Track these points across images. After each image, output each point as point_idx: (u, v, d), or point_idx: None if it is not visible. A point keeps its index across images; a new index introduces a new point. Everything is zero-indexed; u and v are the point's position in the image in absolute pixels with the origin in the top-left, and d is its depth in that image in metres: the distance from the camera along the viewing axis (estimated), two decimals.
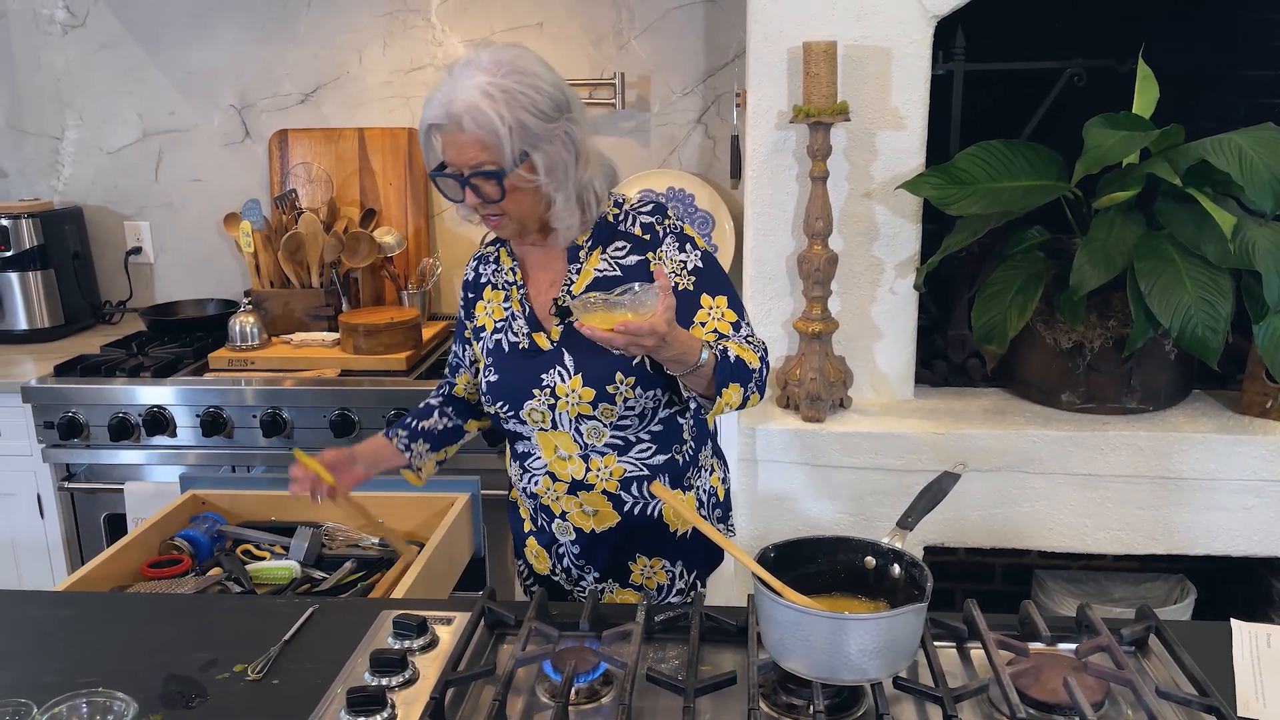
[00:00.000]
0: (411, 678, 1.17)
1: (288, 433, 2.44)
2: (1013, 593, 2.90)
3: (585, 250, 1.58)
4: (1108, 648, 1.14)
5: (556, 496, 1.62)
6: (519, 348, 1.60)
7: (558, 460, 1.60)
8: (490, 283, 1.67)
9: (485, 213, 1.51)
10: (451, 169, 1.47)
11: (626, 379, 1.53)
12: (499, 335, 1.64)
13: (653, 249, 1.57)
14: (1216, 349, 2.03)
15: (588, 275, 1.57)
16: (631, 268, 1.57)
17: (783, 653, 1.10)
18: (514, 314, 1.62)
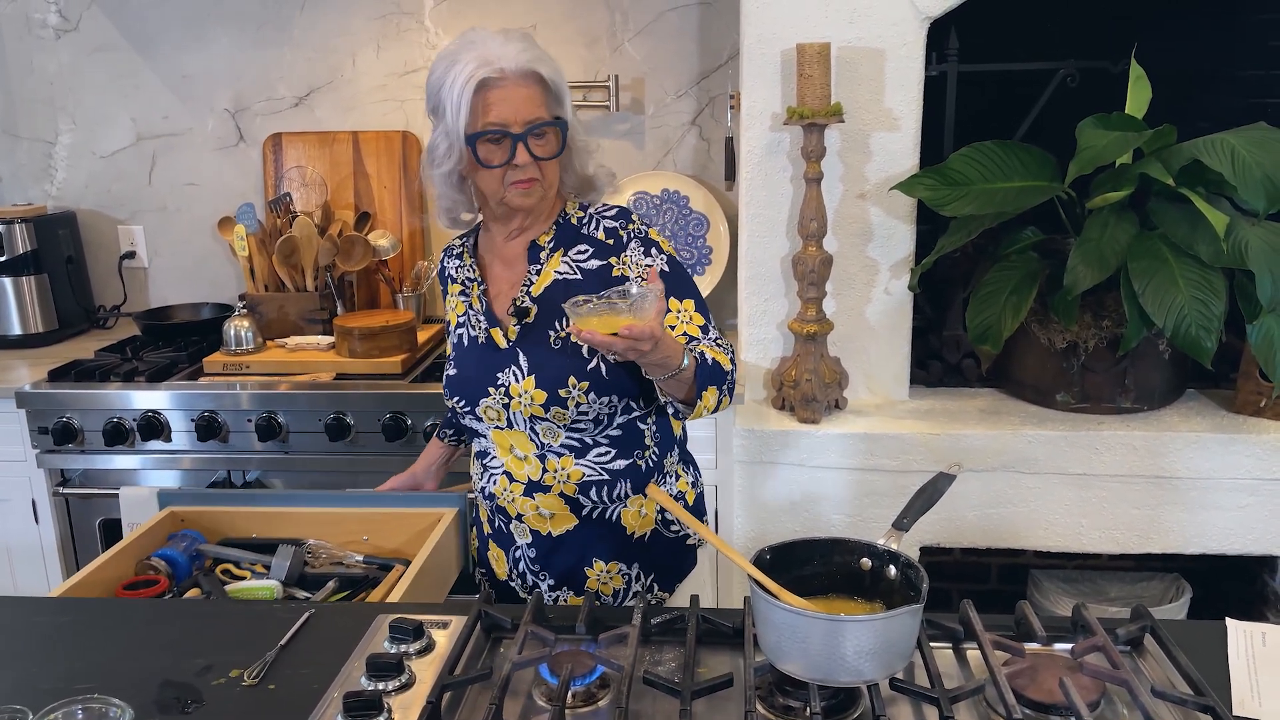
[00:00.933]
0: (408, 682, 1.17)
1: (283, 437, 2.44)
2: (1009, 593, 2.91)
3: (547, 252, 1.58)
4: (1103, 648, 1.14)
5: (513, 498, 1.61)
6: (478, 342, 1.61)
7: (514, 460, 1.59)
8: (452, 277, 1.69)
9: (522, 177, 1.48)
10: (500, 126, 1.45)
11: (580, 384, 1.52)
12: (460, 330, 1.65)
13: (616, 254, 1.56)
14: (1210, 348, 2.04)
15: (547, 277, 1.57)
16: (592, 272, 1.56)
17: (779, 655, 1.10)
18: (472, 309, 1.63)
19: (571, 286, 1.54)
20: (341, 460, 2.45)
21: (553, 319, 1.55)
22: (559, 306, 1.50)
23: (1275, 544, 2.30)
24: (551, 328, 1.55)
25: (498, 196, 1.52)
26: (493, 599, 1.37)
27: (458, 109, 1.45)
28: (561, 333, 1.54)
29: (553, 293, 1.55)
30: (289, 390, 2.44)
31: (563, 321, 1.53)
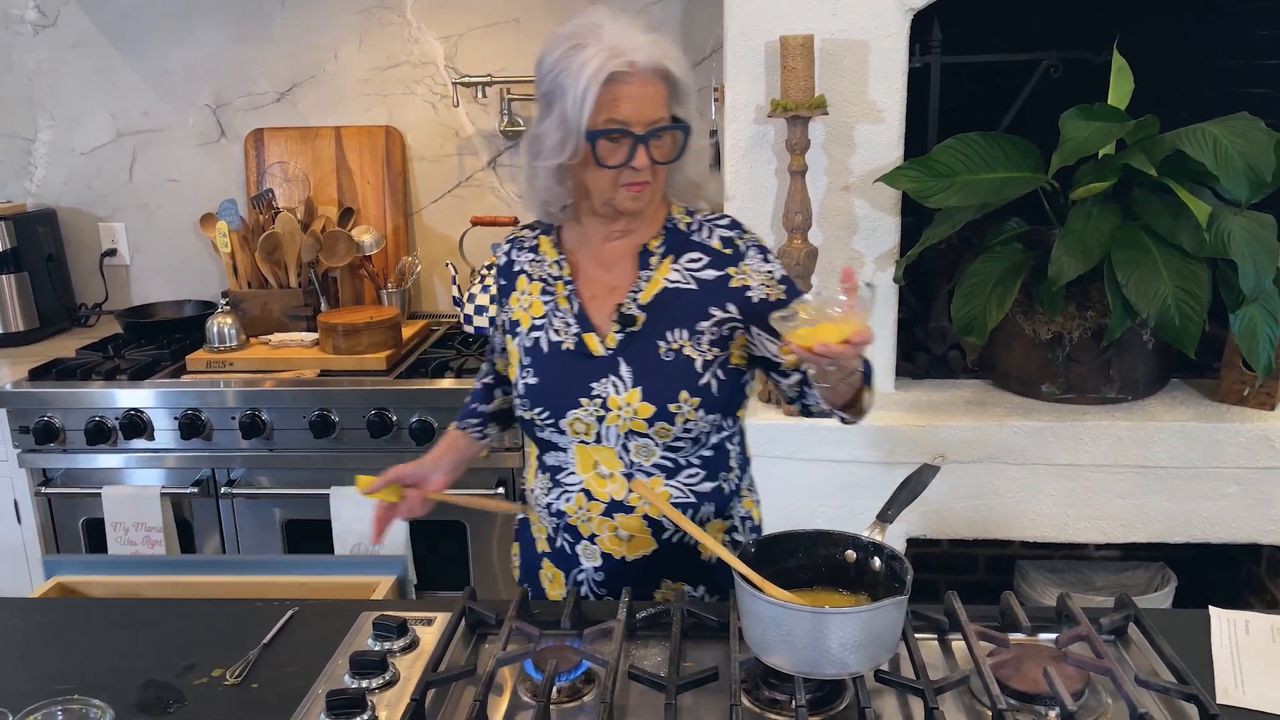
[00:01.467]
0: (392, 679, 1.16)
1: (267, 434, 2.42)
2: (996, 583, 2.92)
3: (657, 257, 1.48)
4: (1087, 637, 1.14)
5: (589, 517, 1.48)
6: (562, 348, 1.48)
7: (597, 477, 1.48)
8: (526, 273, 1.55)
9: (636, 180, 1.39)
10: (622, 125, 1.36)
11: (691, 399, 1.42)
12: (537, 333, 1.51)
13: (734, 264, 1.47)
14: (1194, 338, 2.04)
15: (656, 284, 1.47)
16: (708, 282, 1.47)
17: (764, 648, 1.10)
18: (557, 310, 1.50)
19: (684, 296, 1.46)
20: (326, 457, 2.44)
21: (662, 328, 1.45)
22: (669, 316, 1.44)
23: (1259, 532, 2.30)
24: (661, 338, 1.44)
25: (606, 197, 1.42)
26: (522, 593, 1.34)
27: (580, 101, 1.33)
28: (675, 344, 1.44)
29: (662, 301, 1.46)
30: (273, 387, 2.43)
31: (676, 333, 1.45)
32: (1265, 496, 2.27)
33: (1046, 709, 1.08)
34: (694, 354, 1.44)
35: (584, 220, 1.51)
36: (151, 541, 2.48)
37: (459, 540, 2.48)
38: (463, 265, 2.83)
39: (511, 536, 2.44)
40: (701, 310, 1.46)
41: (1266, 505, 2.28)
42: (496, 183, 2.89)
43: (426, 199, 2.93)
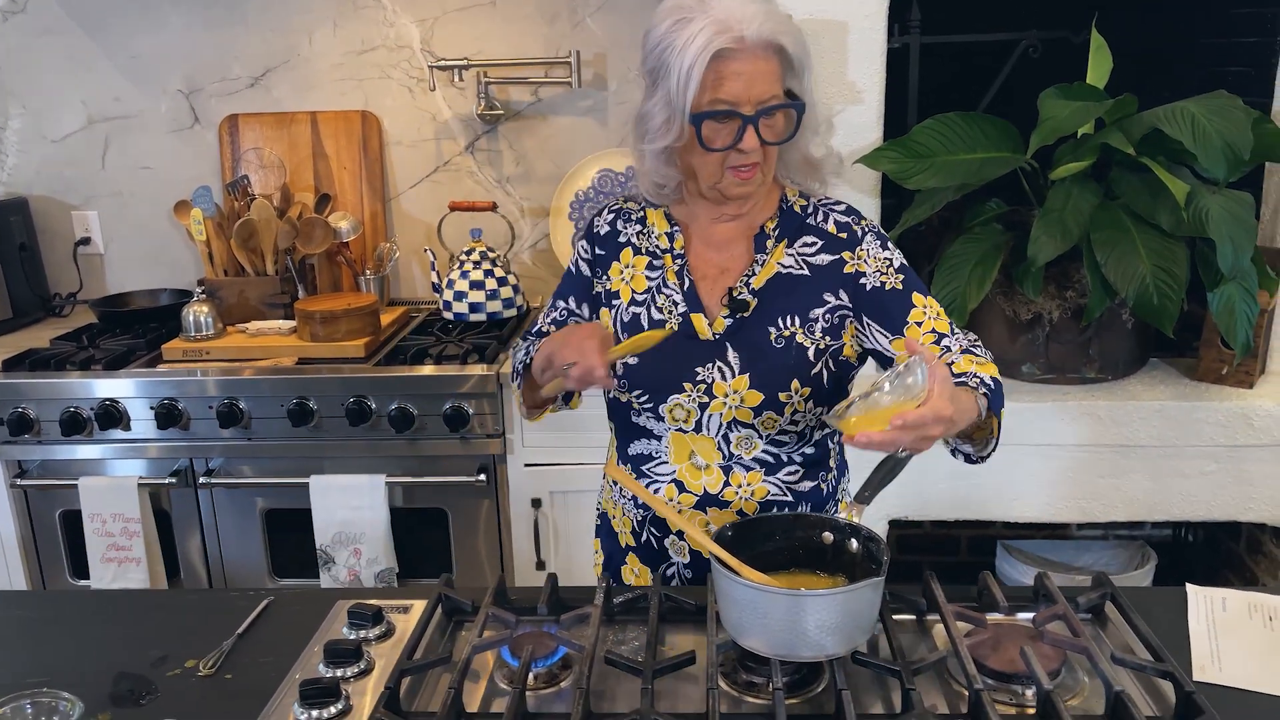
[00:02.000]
0: (367, 668, 1.15)
1: (245, 423, 2.40)
2: (978, 564, 2.91)
3: (772, 240, 1.42)
4: (1064, 616, 1.14)
5: (679, 509, 1.42)
6: (664, 327, 1.40)
7: (691, 468, 1.41)
8: (632, 244, 1.47)
9: (745, 163, 1.31)
10: (730, 105, 1.28)
11: (802, 389, 1.36)
12: (639, 309, 1.42)
13: (850, 248, 1.41)
14: (1173, 316, 2.05)
15: (770, 269, 1.41)
16: (822, 268, 1.40)
17: (741, 631, 1.10)
18: (664, 286, 1.41)
19: (798, 282, 1.40)
20: (305, 446, 2.42)
21: (775, 315, 1.39)
22: (782, 302, 1.39)
23: (1238, 510, 2.32)
24: (773, 324, 1.38)
25: (713, 181, 1.35)
26: (497, 579, 1.31)
27: (685, 79, 1.26)
28: (786, 331, 1.38)
29: (775, 286, 1.40)
30: (250, 376, 2.40)
31: (788, 319, 1.39)
32: (1244, 474, 2.28)
33: (1023, 688, 1.07)
34: (806, 342, 1.38)
35: (690, 200, 1.45)
36: (130, 533, 2.46)
37: (441, 527, 2.47)
38: (441, 251, 2.81)
39: (492, 528, 2.46)
40: (815, 297, 1.40)
41: (1245, 483, 2.29)
42: (475, 167, 2.87)
43: (404, 184, 2.91)
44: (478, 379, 2.33)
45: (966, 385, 1.27)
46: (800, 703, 1.09)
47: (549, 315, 1.54)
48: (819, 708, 1.08)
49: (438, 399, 2.36)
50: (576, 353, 1.25)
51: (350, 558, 2.45)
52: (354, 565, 2.45)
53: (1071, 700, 1.07)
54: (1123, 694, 0.99)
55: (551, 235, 2.81)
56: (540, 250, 2.92)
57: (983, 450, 1.32)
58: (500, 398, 2.35)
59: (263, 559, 2.52)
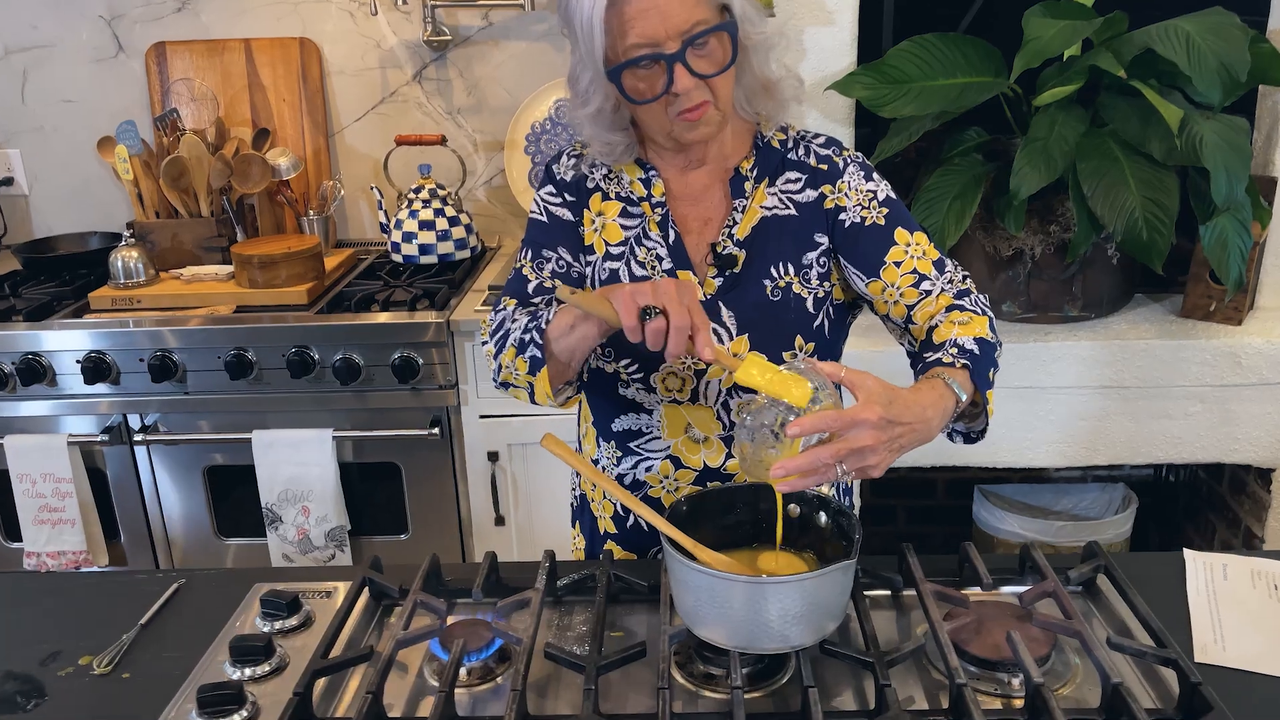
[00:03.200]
0: (279, 665, 1.03)
1: (179, 377, 2.25)
2: (955, 507, 2.85)
3: (751, 182, 1.28)
4: (1054, 594, 1.03)
5: (675, 488, 1.30)
6: None
7: (687, 442, 1.28)
8: (601, 189, 1.31)
9: (689, 105, 1.15)
10: (648, 47, 1.12)
11: (806, 344, 1.24)
12: (616, 264, 1.28)
13: (830, 181, 1.27)
14: (1162, 252, 1.94)
15: (753, 215, 1.26)
16: (807, 205, 1.27)
17: (696, 620, 0.98)
18: (645, 237, 1.27)
19: (785, 225, 1.25)
20: (246, 399, 2.27)
21: (766, 265, 1.25)
22: (772, 249, 1.25)
23: (1224, 451, 2.23)
24: (766, 275, 1.24)
25: (663, 131, 1.21)
26: (431, 560, 1.19)
27: (589, 33, 1.12)
28: (781, 281, 1.24)
29: (762, 233, 1.25)
30: (184, 327, 2.25)
31: (781, 268, 1.25)
32: (1230, 414, 2.19)
33: (1010, 676, 0.97)
34: (804, 292, 1.25)
35: (655, 152, 1.31)
36: (61, 494, 2.32)
37: (394, 483, 2.34)
38: (389, 189, 2.64)
39: (448, 483, 2.33)
40: (807, 239, 1.26)
41: (1231, 423, 2.20)
42: (423, 98, 2.68)
43: (348, 117, 2.72)
44: (428, 327, 2.19)
45: (940, 364, 1.14)
46: (763, 696, 0.98)
47: (543, 268, 1.30)
48: (784, 703, 0.97)
49: (385, 348, 2.22)
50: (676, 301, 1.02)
51: (299, 516, 2.32)
52: (303, 524, 2.32)
53: (1062, 689, 0.97)
54: (1122, 687, 0.88)
55: (507, 170, 2.64)
56: (496, 187, 2.76)
57: (973, 425, 1.19)
58: (452, 347, 2.21)
59: (207, 519, 2.40)
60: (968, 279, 1.29)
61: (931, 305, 1.24)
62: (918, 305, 1.25)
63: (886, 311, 1.28)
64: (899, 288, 1.25)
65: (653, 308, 1.03)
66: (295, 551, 2.34)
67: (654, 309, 1.03)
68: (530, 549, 2.35)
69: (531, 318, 1.21)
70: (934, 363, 1.15)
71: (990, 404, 1.17)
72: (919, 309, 1.24)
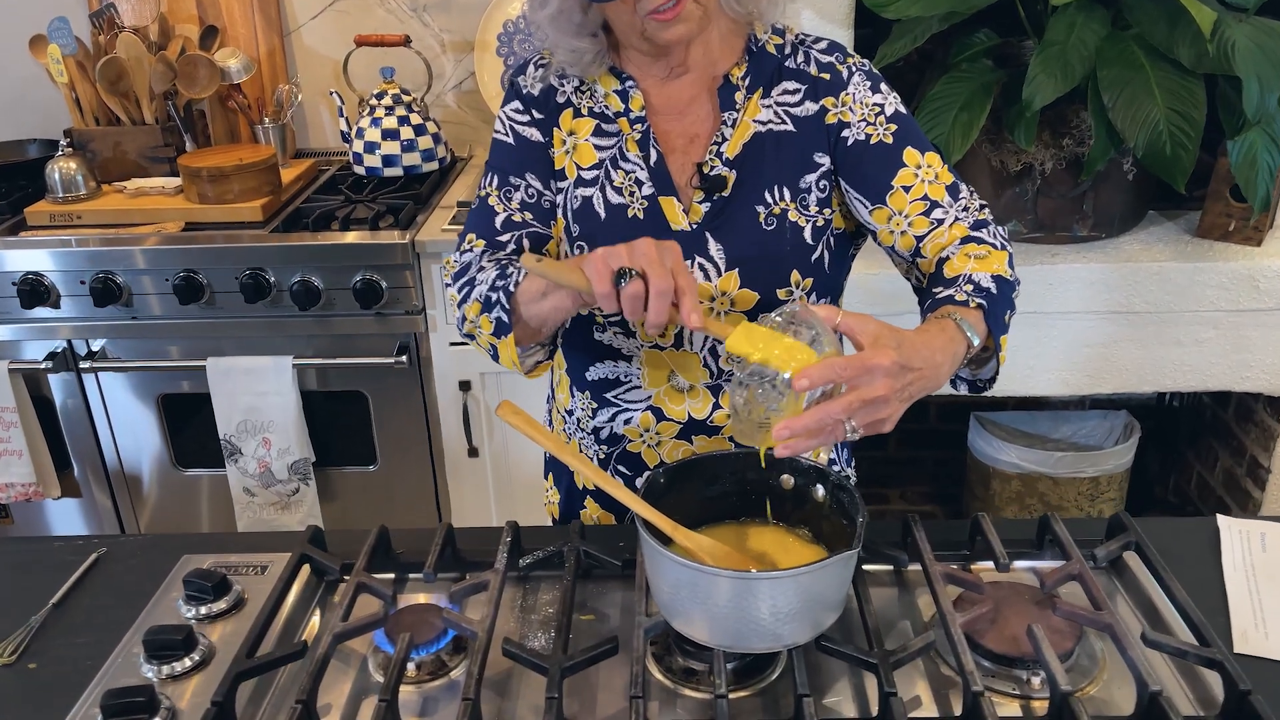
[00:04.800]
0: (203, 659, 0.91)
1: (125, 300, 2.10)
2: (948, 432, 2.75)
3: (742, 92, 1.13)
4: (1080, 576, 0.91)
5: (657, 441, 1.18)
6: (628, 215, 1.11)
7: (671, 391, 1.16)
8: (573, 104, 1.16)
9: (657, 3, 1.01)
10: None
11: (804, 281, 1.11)
12: (590, 190, 1.14)
13: (833, 93, 1.12)
14: (1186, 169, 1.79)
15: (744, 130, 1.12)
16: (806, 120, 1.12)
17: (675, 613, 0.86)
18: (622, 158, 1.12)
19: (782, 142, 1.11)
20: (197, 325, 2.12)
21: (760, 188, 1.11)
22: (767, 170, 1.11)
23: (1235, 379, 2.12)
24: (760, 200, 1.11)
25: (635, 31, 1.06)
26: (377, 533, 1.06)
27: None
28: (776, 207, 1.10)
29: (755, 151, 1.11)
30: (128, 246, 2.08)
31: (776, 192, 1.11)
32: (1243, 341, 2.08)
33: (1029, 674, 0.86)
34: (801, 219, 1.11)
35: (632, 58, 1.15)
36: (6, 423, 2.18)
37: (361, 413, 2.21)
38: (349, 93, 2.44)
39: (417, 413, 2.20)
40: (806, 159, 1.12)
41: (1244, 350, 2.09)
42: None
43: (303, 15, 2.50)
44: (392, 248, 2.03)
45: (952, 301, 1.00)
46: (750, 695, 0.87)
47: (512, 198, 1.16)
48: (774, 704, 0.86)
49: (346, 271, 2.06)
50: (656, 262, 0.90)
51: (259, 448, 2.19)
52: (264, 456, 2.20)
53: (1088, 688, 0.86)
54: (1162, 696, 0.77)
55: (477, 73, 2.44)
56: (466, 92, 2.56)
57: (980, 372, 1.06)
58: (418, 269, 2.05)
59: (163, 449, 2.27)
60: (985, 208, 1.15)
61: (943, 236, 1.10)
62: (928, 236, 1.10)
63: (892, 243, 1.13)
64: (907, 216, 1.10)
65: (629, 270, 0.90)
66: (257, 484, 2.23)
67: (630, 271, 0.90)
68: (506, 483, 2.23)
69: (500, 273, 1.06)
70: (945, 300, 1.01)
71: (1003, 350, 1.04)
72: (929, 240, 1.10)
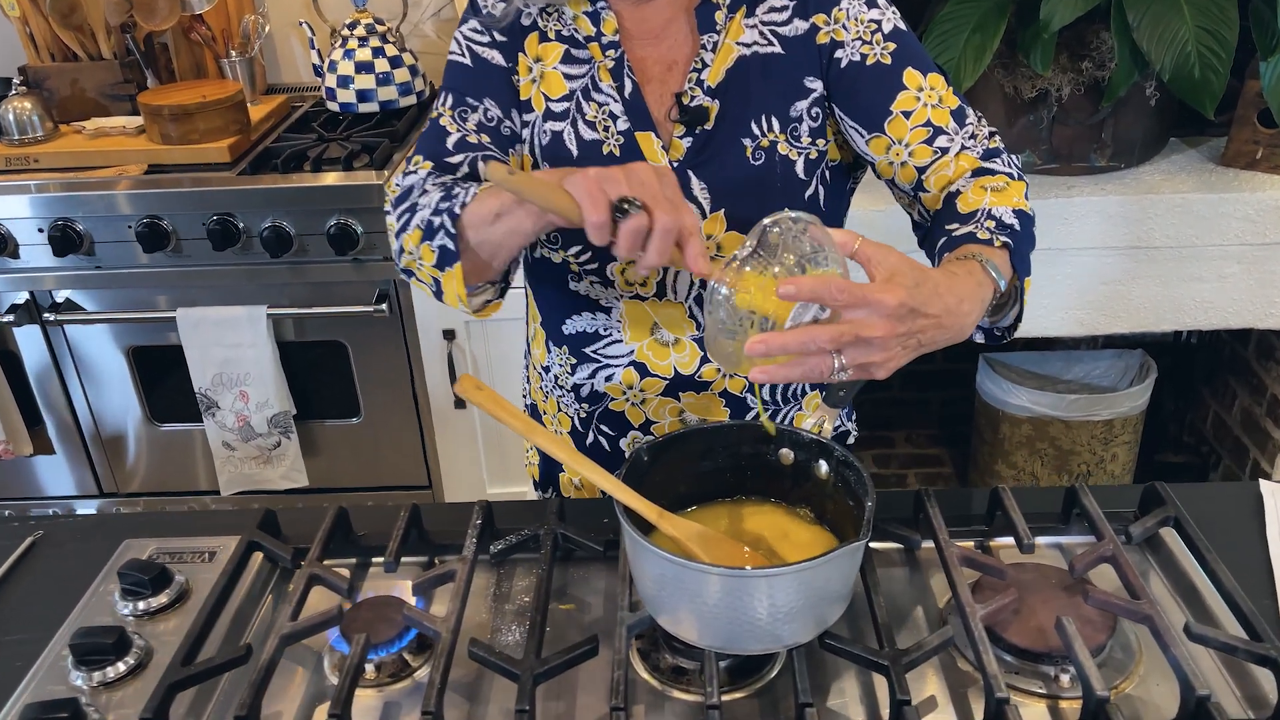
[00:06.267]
0: (139, 663, 0.82)
1: (86, 249, 1.98)
2: (954, 372, 2.65)
3: (723, 11, 1.02)
4: (1113, 559, 0.82)
5: (641, 399, 1.09)
6: (603, 151, 1.01)
7: (655, 345, 1.07)
8: (538, 29, 1.05)
9: None
10: None
11: (797, 225, 1.01)
12: (560, 124, 1.03)
13: (825, 9, 1.01)
14: (1216, 93, 1.67)
15: (727, 54, 1.01)
16: (795, 40, 1.01)
17: (660, 609, 0.77)
18: (594, 89, 1.02)
19: (769, 66, 1.00)
20: (163, 275, 2.01)
21: (746, 118, 1.01)
22: (754, 98, 1.00)
23: (1258, 316, 2.02)
24: (746, 133, 1.01)
25: None
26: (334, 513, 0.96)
27: None
28: (765, 139, 1.00)
29: (740, 77, 1.01)
30: (88, 191, 1.96)
31: (765, 122, 1.00)
32: (1268, 276, 1.97)
33: (1057, 670, 0.77)
34: (792, 152, 1.01)
35: None
36: None
37: (341, 364, 2.11)
38: (320, 24, 2.30)
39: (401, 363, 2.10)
40: (796, 84, 1.01)
41: (1269, 286, 1.98)
42: None
43: None
44: (368, 190, 1.91)
45: (974, 240, 0.89)
46: (747, 697, 0.78)
47: (467, 119, 1.04)
48: (772, 706, 0.77)
49: (319, 215, 1.94)
50: (660, 195, 0.79)
51: (236, 401, 2.10)
52: (242, 410, 2.11)
53: (1123, 684, 0.77)
54: (1210, 702, 0.68)
55: (456, 0, 2.29)
56: (445, 20, 2.41)
57: (999, 319, 0.95)
58: None
59: (137, 404, 2.17)
60: (996, 135, 1.03)
61: (950, 168, 0.99)
62: (931, 167, 0.99)
63: (892, 175, 1.02)
64: (908, 145, 0.99)
65: (629, 200, 0.78)
66: (236, 439, 2.14)
67: (631, 202, 0.78)
68: (495, 436, 2.14)
69: (445, 194, 0.94)
70: (965, 238, 0.90)
71: (1026, 293, 0.93)
72: (933, 172, 0.99)
